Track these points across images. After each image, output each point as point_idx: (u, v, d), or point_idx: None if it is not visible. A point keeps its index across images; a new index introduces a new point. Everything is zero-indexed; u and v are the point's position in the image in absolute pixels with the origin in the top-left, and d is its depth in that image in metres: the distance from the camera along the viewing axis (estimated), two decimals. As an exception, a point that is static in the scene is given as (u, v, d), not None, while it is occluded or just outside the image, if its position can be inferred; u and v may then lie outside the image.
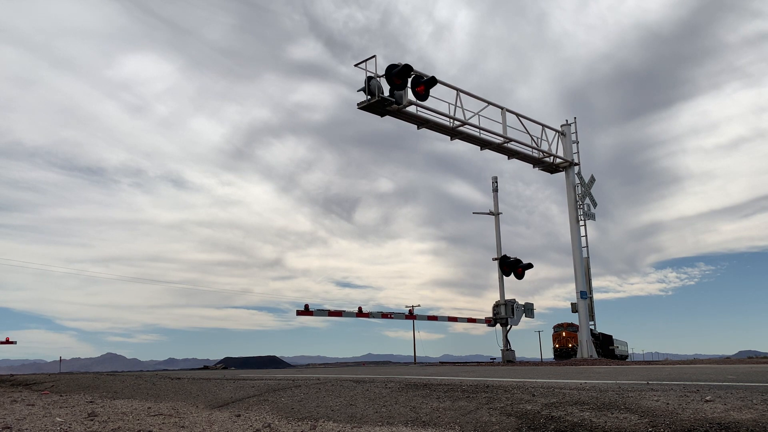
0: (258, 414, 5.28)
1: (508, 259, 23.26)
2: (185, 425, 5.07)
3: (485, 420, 4.28)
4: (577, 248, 23.86)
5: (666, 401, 4.30)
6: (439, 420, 4.45)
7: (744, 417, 3.66)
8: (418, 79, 17.78)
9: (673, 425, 3.64)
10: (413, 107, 18.46)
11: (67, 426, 5.14)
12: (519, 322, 24.90)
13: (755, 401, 4.14)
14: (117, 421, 5.29)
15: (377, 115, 18.39)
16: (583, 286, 23.62)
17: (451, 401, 5.00)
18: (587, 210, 24.26)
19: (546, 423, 4.01)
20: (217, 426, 4.97)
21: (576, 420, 3.97)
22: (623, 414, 3.99)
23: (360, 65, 17.64)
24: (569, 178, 24.51)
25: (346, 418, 4.77)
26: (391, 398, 5.37)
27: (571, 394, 4.87)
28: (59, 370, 70.79)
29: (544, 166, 24.30)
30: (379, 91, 17.31)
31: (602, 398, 4.58)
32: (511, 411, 4.42)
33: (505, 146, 21.99)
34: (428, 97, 18.23)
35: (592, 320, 23.86)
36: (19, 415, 5.70)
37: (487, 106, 21.09)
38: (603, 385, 5.81)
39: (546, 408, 4.37)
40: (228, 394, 6.41)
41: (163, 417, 5.45)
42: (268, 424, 4.83)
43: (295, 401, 5.66)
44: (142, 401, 6.42)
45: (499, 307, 23.49)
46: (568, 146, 24.58)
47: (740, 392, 4.69)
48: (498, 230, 23.66)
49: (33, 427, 5.10)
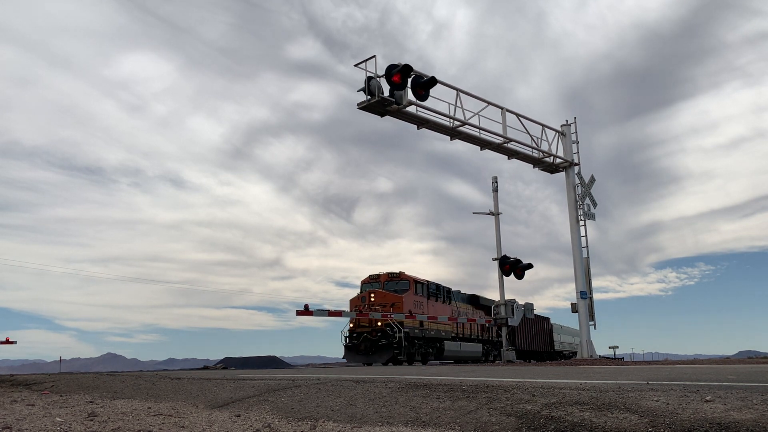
0: (258, 414, 5.28)
1: (508, 259, 23.25)
2: (185, 425, 5.07)
3: (485, 420, 4.28)
4: (577, 248, 23.85)
5: (666, 401, 4.30)
6: (439, 420, 4.44)
7: (744, 417, 3.66)
8: (418, 79, 17.77)
9: (673, 425, 3.64)
10: (413, 107, 18.45)
11: (67, 426, 5.14)
12: (519, 322, 24.94)
13: (755, 401, 4.14)
14: (117, 421, 5.28)
15: (377, 115, 18.38)
16: (583, 286, 23.61)
17: (451, 401, 5.00)
18: (587, 210, 24.26)
19: (546, 423, 4.00)
20: (217, 426, 4.97)
21: (576, 420, 3.97)
22: (623, 414, 3.99)
23: (360, 65, 17.63)
24: (569, 178, 24.51)
25: (346, 418, 4.77)
26: (391, 398, 5.37)
27: (571, 394, 4.87)
28: (59, 370, 70.85)
29: (544, 166, 24.30)
30: (379, 91, 17.30)
31: (602, 398, 4.57)
32: (511, 411, 4.42)
33: (505, 146, 21.99)
34: (428, 97, 18.21)
35: (592, 320, 23.86)
36: (19, 415, 5.70)
37: (486, 106, 21.10)
38: (603, 385, 5.81)
39: (546, 408, 4.37)
40: (228, 394, 6.41)
41: (163, 417, 5.45)
42: (268, 424, 4.83)
43: (295, 401, 5.66)
44: (142, 401, 6.42)
45: (499, 308, 23.48)
46: (568, 146, 24.59)
47: (740, 392, 4.69)
48: (498, 230, 23.65)
49: (33, 427, 5.09)
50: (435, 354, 25.50)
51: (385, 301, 22.81)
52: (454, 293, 28.65)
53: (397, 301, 22.85)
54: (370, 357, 21.76)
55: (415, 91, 17.78)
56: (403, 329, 22.04)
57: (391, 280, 24.21)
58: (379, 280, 24.45)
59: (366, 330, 22.39)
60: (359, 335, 22.35)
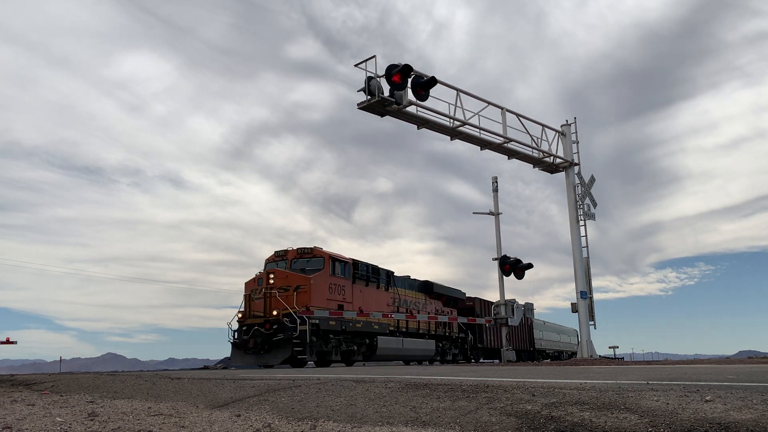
0: (258, 414, 5.28)
1: (508, 259, 23.26)
2: (185, 425, 5.07)
3: (485, 420, 4.28)
4: (577, 248, 23.87)
5: (666, 401, 4.30)
6: (439, 420, 4.44)
7: (744, 417, 3.66)
8: (418, 79, 17.78)
9: (673, 425, 3.64)
10: (413, 107, 18.46)
11: (67, 426, 5.14)
12: (519, 322, 24.96)
13: (755, 401, 4.14)
14: (117, 421, 5.28)
15: (377, 115, 18.39)
16: (583, 286, 23.63)
17: (451, 401, 5.00)
18: (587, 210, 24.28)
19: (546, 423, 4.00)
20: (217, 426, 4.97)
21: (576, 420, 3.97)
22: (623, 414, 3.99)
23: (360, 65, 17.64)
24: (569, 178, 24.53)
25: (346, 418, 4.77)
26: (391, 398, 5.37)
27: (571, 394, 4.87)
28: (59, 370, 70.83)
29: (544, 166, 24.33)
30: (379, 91, 17.31)
31: (602, 398, 4.57)
32: (511, 411, 4.42)
33: (505, 146, 22.01)
34: (428, 97, 18.23)
35: (592, 320, 23.86)
36: (19, 415, 5.70)
37: (487, 106, 21.11)
38: (603, 385, 5.81)
39: (546, 408, 4.37)
40: (228, 394, 6.41)
41: (163, 417, 5.45)
42: (268, 424, 4.83)
43: (295, 401, 5.66)
44: (142, 401, 6.42)
45: (499, 308, 23.49)
46: (568, 146, 24.61)
47: (740, 392, 4.69)
48: (498, 230, 23.67)
49: (33, 427, 5.09)
50: (366, 353, 20.78)
51: (287, 284, 17.59)
52: (399, 278, 24.05)
53: (304, 283, 17.70)
54: (262, 357, 16.91)
55: (415, 91, 17.78)
56: (311, 320, 17.07)
57: (300, 258, 18.90)
58: (287, 257, 19.09)
59: (258, 321, 17.25)
60: (249, 328, 17.28)
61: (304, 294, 17.48)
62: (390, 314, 21.84)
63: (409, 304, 24.05)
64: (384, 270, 22.70)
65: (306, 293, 17.53)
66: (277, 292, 17.24)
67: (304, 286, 17.63)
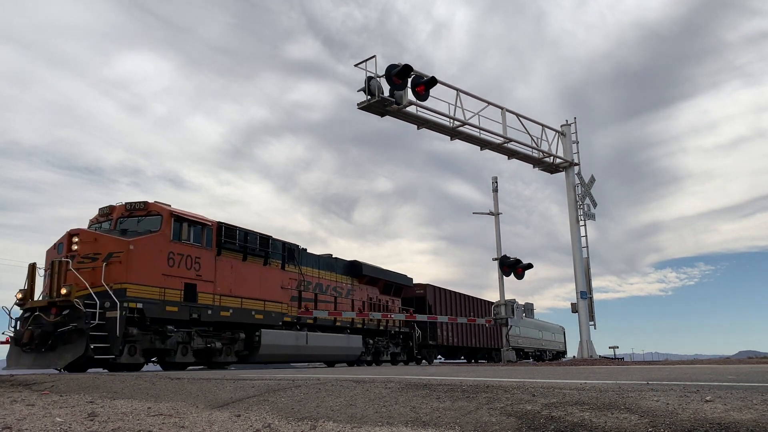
0: (258, 414, 5.28)
1: (507, 259, 23.27)
2: (185, 425, 5.07)
3: (485, 420, 4.28)
4: (577, 248, 23.89)
5: (666, 401, 4.30)
6: (439, 420, 4.44)
7: (744, 417, 3.66)
8: (418, 79, 17.81)
9: (673, 425, 3.64)
10: (413, 107, 18.49)
11: (67, 426, 5.14)
12: (519, 322, 24.95)
13: (755, 401, 4.13)
14: (117, 421, 5.28)
15: (377, 115, 18.42)
16: (583, 286, 23.64)
17: (451, 401, 4.99)
18: (587, 210, 24.31)
19: (546, 423, 4.00)
20: (217, 426, 4.97)
21: (576, 420, 3.97)
22: (623, 414, 3.99)
23: (360, 65, 17.67)
24: (569, 178, 24.55)
25: (346, 418, 4.77)
26: (391, 398, 5.37)
27: (571, 394, 4.86)
28: (59, 370, 70.60)
29: (544, 166, 24.36)
30: (379, 91, 17.34)
31: (602, 398, 4.57)
32: (511, 411, 4.41)
33: (505, 146, 22.04)
34: (428, 97, 18.27)
35: (592, 320, 23.87)
36: (19, 415, 5.69)
37: (486, 106, 21.14)
38: (603, 385, 5.80)
39: (546, 408, 4.37)
40: (228, 394, 6.40)
41: (163, 417, 5.45)
42: (268, 424, 4.83)
43: (295, 401, 5.66)
44: (142, 401, 6.41)
45: (499, 308, 23.49)
46: (568, 146, 24.63)
47: (740, 392, 4.68)
48: (498, 230, 23.67)
49: (33, 427, 5.09)
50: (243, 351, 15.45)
51: (96, 251, 12.24)
52: (310, 256, 18.65)
53: (119, 249, 12.23)
54: (43, 356, 11.71)
55: (415, 91, 17.82)
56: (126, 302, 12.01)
57: (130, 216, 13.36)
58: (112, 215, 13.53)
59: (42, 304, 11.93)
60: (30, 315, 11.95)
61: (118, 265, 12.15)
62: (289, 301, 16.98)
63: (324, 290, 18.87)
64: (281, 242, 17.23)
65: (121, 264, 12.18)
66: (77, 263, 12.03)
67: (118, 254, 12.20)
